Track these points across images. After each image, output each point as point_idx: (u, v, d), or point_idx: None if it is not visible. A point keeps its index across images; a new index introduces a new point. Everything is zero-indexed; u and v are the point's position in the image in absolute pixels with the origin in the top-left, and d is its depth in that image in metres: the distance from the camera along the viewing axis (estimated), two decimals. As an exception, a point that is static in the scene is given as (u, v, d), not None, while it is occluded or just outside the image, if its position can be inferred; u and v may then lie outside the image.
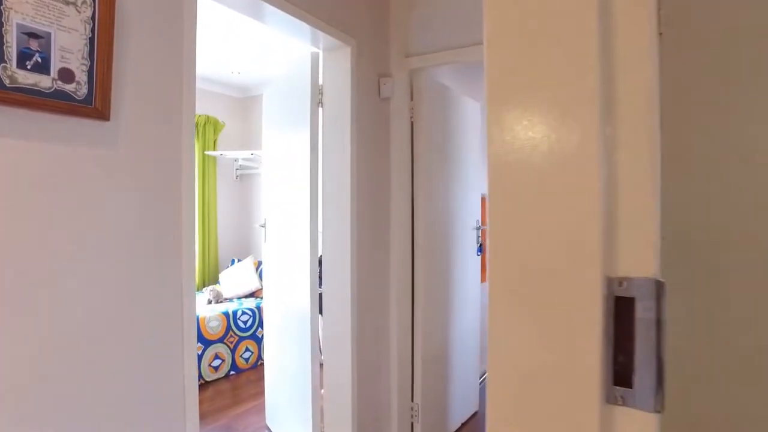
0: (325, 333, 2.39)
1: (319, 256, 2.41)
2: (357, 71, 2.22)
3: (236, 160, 5.28)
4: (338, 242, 2.27)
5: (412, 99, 2.55)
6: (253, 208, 5.41)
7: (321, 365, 2.46)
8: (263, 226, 2.93)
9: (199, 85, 4.83)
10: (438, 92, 2.74)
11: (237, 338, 4.00)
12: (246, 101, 5.49)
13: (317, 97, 2.27)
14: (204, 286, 4.95)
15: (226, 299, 4.49)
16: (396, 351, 2.50)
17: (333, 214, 2.28)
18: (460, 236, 3.01)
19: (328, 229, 2.31)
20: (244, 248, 5.48)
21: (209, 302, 4.31)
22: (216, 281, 5.01)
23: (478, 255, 3.24)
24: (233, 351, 3.96)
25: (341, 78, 2.23)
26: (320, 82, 2.30)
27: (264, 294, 3.09)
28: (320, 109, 2.30)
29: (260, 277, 4.70)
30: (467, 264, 3.11)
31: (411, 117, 2.55)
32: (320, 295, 2.45)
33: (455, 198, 2.95)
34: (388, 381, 2.50)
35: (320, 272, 2.43)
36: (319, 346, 2.44)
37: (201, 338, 3.70)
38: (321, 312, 2.46)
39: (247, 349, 4.08)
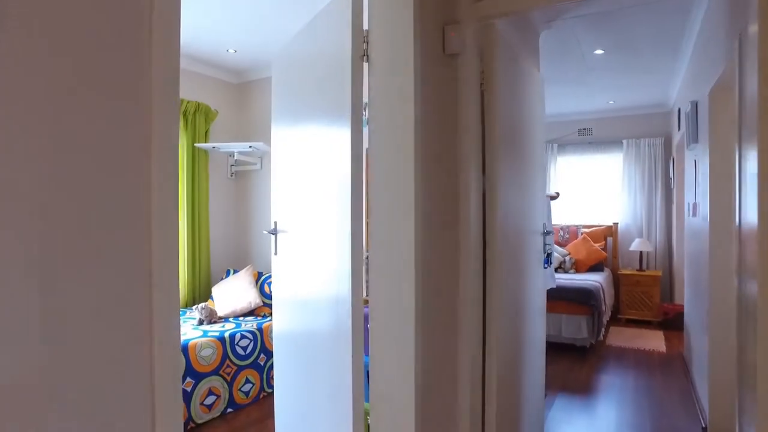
0: (375, 366, 1.68)
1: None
2: (420, 12, 1.53)
3: (231, 154, 4.56)
4: (394, 249, 1.57)
5: (481, 60, 1.87)
6: (252, 210, 4.68)
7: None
8: (272, 232, 2.22)
9: (185, 66, 4.10)
10: (509, 55, 2.06)
11: (235, 368, 3.28)
12: (243, 87, 4.77)
13: (361, 47, 1.57)
14: (193, 303, 4.21)
15: (220, 318, 3.76)
16: (467, 392, 1.81)
17: (386, 211, 1.58)
18: (528, 242, 2.33)
19: (378, 233, 1.61)
20: (242, 257, 4.75)
21: (200, 323, 3.58)
22: (208, 296, 4.28)
23: (546, 266, 2.56)
24: (231, 384, 3.24)
25: (396, 19, 1.53)
26: (365, 27, 1.59)
27: (275, 314, 2.40)
28: (365, 65, 1.60)
29: (262, 291, 3.97)
30: (534, 276, 2.43)
31: (481, 84, 1.86)
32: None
33: (524, 196, 2.26)
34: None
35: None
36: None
37: (190, 371, 2.98)
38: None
39: (247, 381, 3.37)
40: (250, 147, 4.20)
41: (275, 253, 2.21)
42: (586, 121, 6.60)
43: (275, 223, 2.22)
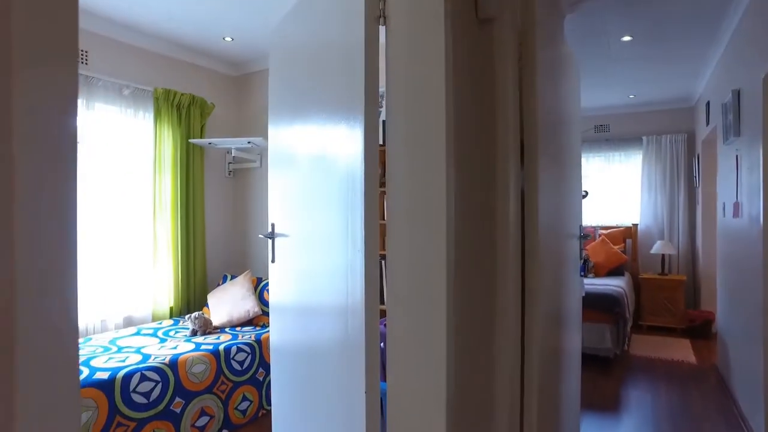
0: (395, 395, 1.36)
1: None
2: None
3: (229, 151, 4.27)
4: (420, 254, 1.26)
5: (519, 31, 1.56)
6: (250, 211, 4.38)
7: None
8: (269, 236, 1.92)
9: (179, 56, 3.81)
10: (547, 28, 1.75)
11: (231, 385, 2.98)
12: (241, 80, 4.48)
13: (377, 4, 1.26)
14: (188, 312, 3.91)
15: (216, 329, 3.46)
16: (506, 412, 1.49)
17: (409, 212, 1.26)
18: (566, 247, 2.02)
19: (398, 237, 1.29)
20: (239, 261, 4.45)
21: (193, 334, 3.28)
22: (203, 304, 3.97)
23: (582, 274, 2.24)
24: (226, 402, 2.94)
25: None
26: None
27: (272, 324, 2.11)
28: (382, 29, 1.29)
29: (261, 298, 3.67)
30: (572, 284, 2.12)
31: (519, 59, 1.55)
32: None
33: (561, 194, 1.95)
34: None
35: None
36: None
37: (180, 390, 2.67)
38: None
39: (244, 398, 3.06)
40: (249, 143, 3.90)
41: (272, 261, 1.90)
42: (603, 117, 6.27)
43: (272, 225, 1.91)
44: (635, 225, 6.10)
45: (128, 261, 3.60)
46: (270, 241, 1.90)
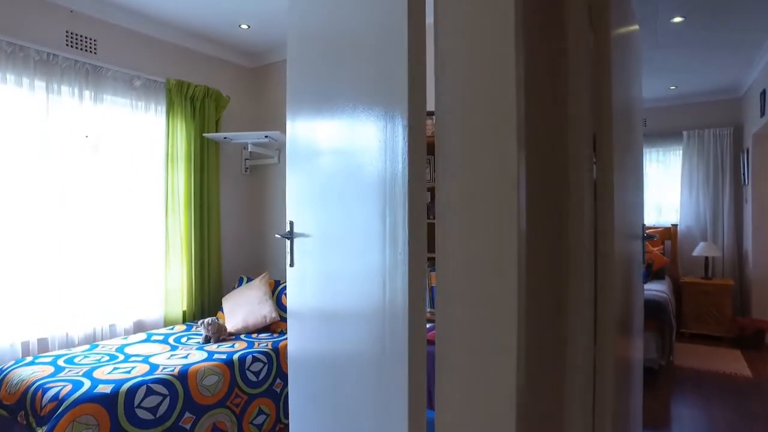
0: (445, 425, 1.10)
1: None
2: None
3: (245, 146, 4.04)
4: (482, 257, 0.99)
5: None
6: (268, 209, 4.16)
7: None
8: (287, 236, 1.66)
9: (193, 45, 3.59)
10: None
11: (246, 398, 2.74)
12: (258, 71, 4.25)
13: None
14: (201, 317, 3.69)
15: (230, 335, 3.24)
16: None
17: (467, 209, 0.99)
18: (633, 249, 1.72)
19: (453, 237, 1.02)
20: (256, 263, 4.23)
21: (207, 341, 3.06)
22: (218, 308, 3.76)
23: (645, 281, 1.94)
24: (240, 417, 2.70)
25: None
26: None
27: (290, 331, 1.86)
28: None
29: (279, 303, 3.43)
30: (638, 290, 1.82)
31: (591, 25, 1.27)
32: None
33: (629, 189, 1.66)
34: None
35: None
36: None
37: (190, 404, 2.44)
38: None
39: (260, 412, 2.82)
40: (266, 137, 3.67)
41: (290, 264, 1.65)
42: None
43: (291, 224, 1.66)
44: (674, 225, 5.71)
45: (139, 262, 3.40)
46: (288, 241, 1.64)
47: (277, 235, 1.69)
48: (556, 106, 1.21)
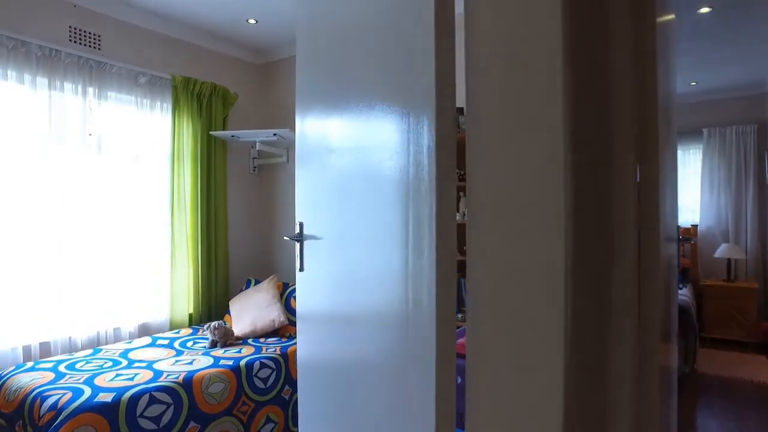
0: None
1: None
2: None
3: (253, 145, 3.94)
4: (521, 259, 0.87)
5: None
6: (277, 210, 4.05)
7: None
8: (297, 238, 1.55)
9: (199, 42, 3.49)
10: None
11: (253, 405, 2.63)
12: (266, 68, 4.15)
13: None
14: (208, 320, 3.60)
15: (237, 339, 3.13)
16: None
17: (505, 208, 0.87)
18: (670, 252, 1.59)
19: (489, 238, 0.90)
20: (264, 265, 4.12)
21: (213, 345, 2.95)
22: (225, 311, 3.66)
23: (681, 287, 1.80)
24: (247, 425, 2.59)
25: None
26: None
27: (300, 336, 1.75)
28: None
29: (287, 306, 3.32)
30: (674, 295, 1.69)
31: (633, 12, 1.14)
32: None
33: (668, 189, 1.53)
34: None
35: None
36: None
37: (195, 413, 2.34)
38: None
39: (268, 420, 2.71)
40: (275, 135, 3.57)
41: (300, 269, 1.53)
42: (658, 108, 5.70)
43: (300, 225, 1.54)
44: (694, 226, 5.53)
45: (144, 264, 3.31)
46: (297, 244, 1.53)
47: (285, 238, 1.58)
48: (598, 100, 1.08)
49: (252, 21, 3.43)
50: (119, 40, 3.18)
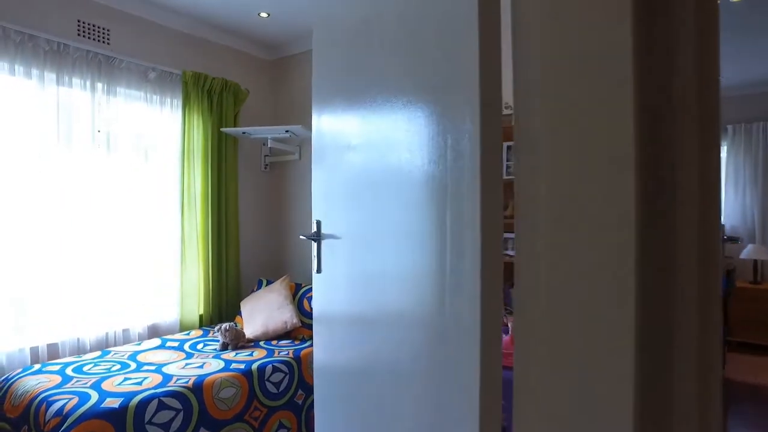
0: None
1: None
2: None
3: (265, 142, 3.86)
4: (584, 260, 0.76)
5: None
6: (289, 209, 3.96)
7: None
8: (314, 238, 1.44)
9: (210, 36, 3.41)
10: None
11: (265, 410, 2.53)
12: (277, 64, 4.06)
13: None
14: (219, 321, 3.51)
15: (249, 342, 3.04)
16: None
17: (563, 205, 0.76)
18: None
19: (543, 236, 0.79)
20: (276, 265, 4.04)
21: (224, 347, 2.86)
22: (236, 312, 3.57)
23: (725, 289, 1.66)
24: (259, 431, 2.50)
25: None
26: None
27: (316, 338, 1.64)
28: None
29: (300, 307, 3.23)
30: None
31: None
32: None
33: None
34: None
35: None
36: None
37: (205, 419, 2.25)
38: None
39: (280, 425, 2.61)
40: (287, 132, 3.47)
41: (318, 270, 1.43)
42: (680, 104, 5.53)
43: (318, 223, 1.44)
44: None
45: (154, 263, 3.23)
46: (314, 243, 1.42)
47: (302, 237, 1.47)
48: (659, 88, 0.96)
49: (264, 14, 3.34)
50: (129, 35, 3.11)
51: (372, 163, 1.25)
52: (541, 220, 0.75)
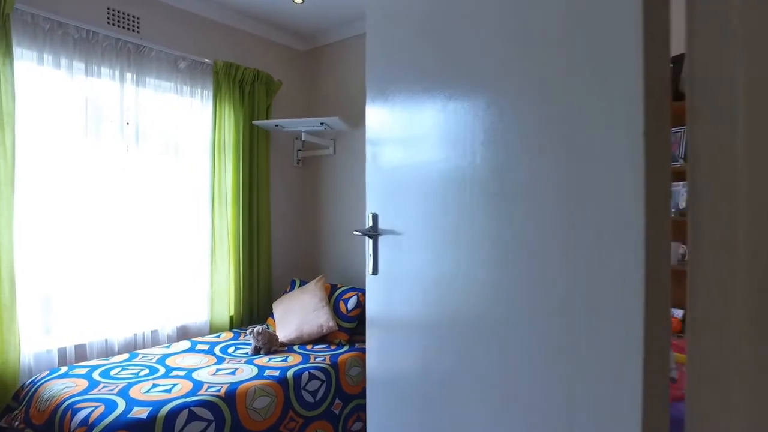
0: None
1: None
2: None
3: (298, 136, 3.69)
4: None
5: None
6: (323, 206, 3.78)
7: None
8: (369, 233, 1.24)
9: (242, 25, 3.26)
10: None
11: (301, 421, 2.35)
12: (312, 55, 3.89)
13: None
14: (250, 323, 3.36)
15: (282, 346, 2.87)
16: None
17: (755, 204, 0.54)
18: None
19: (722, 243, 0.56)
20: (310, 264, 3.86)
21: (256, 352, 2.69)
22: (268, 314, 3.41)
23: None
24: (294, 444, 2.31)
25: None
26: None
27: (369, 342, 1.44)
28: None
29: (336, 310, 3.03)
30: None
31: None
32: None
33: None
34: None
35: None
36: None
37: (239, 429, 2.07)
38: None
39: (316, 437, 2.42)
40: (322, 124, 3.29)
41: (373, 272, 1.22)
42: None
43: (374, 217, 1.23)
44: None
45: (183, 263, 3.09)
46: (369, 240, 1.22)
47: (356, 232, 1.27)
48: None
49: (298, 0, 3.16)
50: (159, 23, 2.98)
51: (458, 160, 1.04)
52: (741, 215, 0.53)
